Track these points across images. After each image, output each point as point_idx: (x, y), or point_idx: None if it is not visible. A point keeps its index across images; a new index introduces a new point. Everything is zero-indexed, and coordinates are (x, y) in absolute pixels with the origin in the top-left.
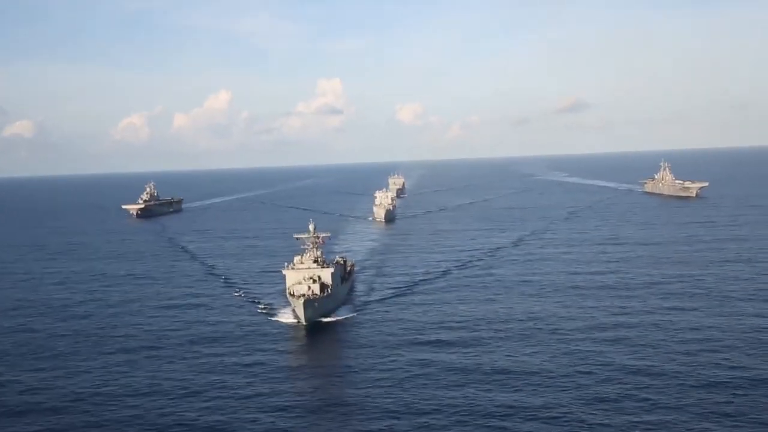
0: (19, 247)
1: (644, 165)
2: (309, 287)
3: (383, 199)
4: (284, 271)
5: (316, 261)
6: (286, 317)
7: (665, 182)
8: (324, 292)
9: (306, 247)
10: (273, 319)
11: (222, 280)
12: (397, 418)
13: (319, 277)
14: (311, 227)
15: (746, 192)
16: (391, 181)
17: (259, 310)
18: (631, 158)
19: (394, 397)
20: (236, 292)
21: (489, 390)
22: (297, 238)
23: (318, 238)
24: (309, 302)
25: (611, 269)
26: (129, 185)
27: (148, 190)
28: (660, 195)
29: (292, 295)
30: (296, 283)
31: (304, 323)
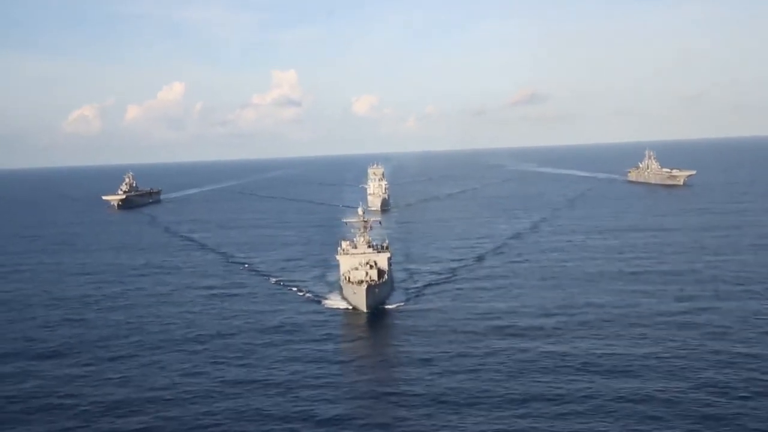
0: (18, 238)
1: (607, 156)
2: (366, 273)
3: (377, 188)
4: (338, 257)
5: (370, 245)
6: (334, 303)
7: (651, 171)
8: (381, 278)
9: (356, 231)
10: (327, 306)
11: (248, 269)
12: (486, 409)
13: (375, 263)
14: (360, 211)
15: (729, 179)
16: (371, 171)
17: (309, 298)
18: (590, 150)
19: (475, 387)
20: (271, 280)
21: (592, 380)
22: (346, 223)
23: (367, 221)
24: (371, 288)
25: (652, 256)
26: (91, 177)
27: (127, 180)
28: (646, 184)
29: (350, 282)
30: (352, 269)
31: (365, 310)
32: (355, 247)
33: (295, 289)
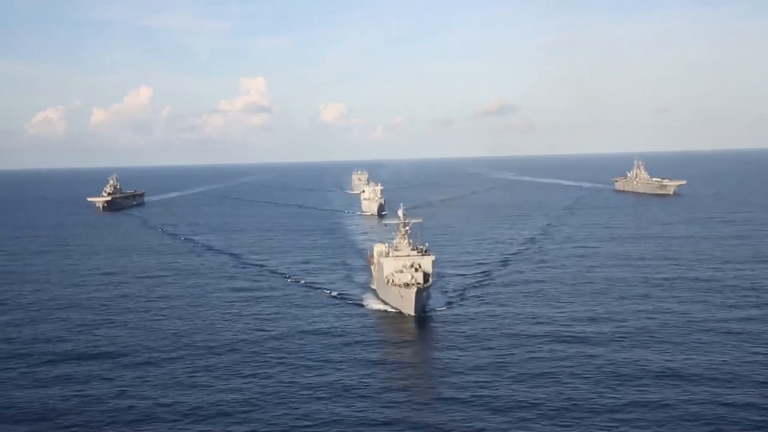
0: (14, 240)
1: (582, 166)
2: (412, 276)
3: (373, 193)
4: (382, 259)
5: (414, 248)
6: (374, 305)
7: (640, 180)
8: (427, 282)
9: (396, 233)
10: (369, 308)
11: (269, 272)
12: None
13: (420, 265)
14: (400, 213)
15: (718, 190)
16: (355, 177)
17: (345, 301)
18: (561, 160)
19: (542, 393)
20: (300, 283)
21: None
22: (386, 225)
23: (407, 224)
24: (420, 292)
25: (676, 263)
26: (59, 180)
27: (111, 182)
28: (634, 193)
29: (394, 284)
30: (396, 271)
31: (413, 314)
32: (397, 249)
33: (327, 291)
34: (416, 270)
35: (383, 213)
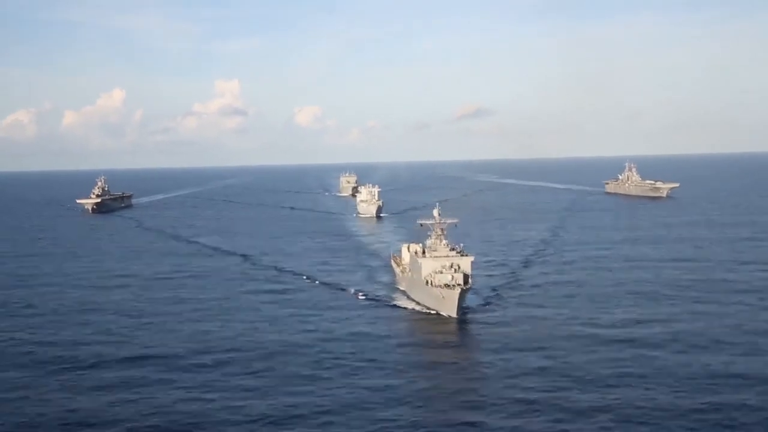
0: (16, 242)
1: (566, 169)
2: (452, 277)
3: (370, 195)
4: (420, 259)
5: (452, 248)
6: (408, 305)
7: (632, 183)
8: (467, 283)
9: (432, 233)
10: (405, 308)
11: (289, 274)
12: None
13: (459, 266)
14: (436, 212)
15: (711, 192)
16: (344, 179)
17: (377, 302)
18: (536, 163)
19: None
20: (326, 285)
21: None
22: (421, 225)
23: (443, 223)
24: (463, 294)
25: (701, 266)
26: (33, 183)
27: (99, 184)
28: (626, 195)
29: (437, 286)
30: (436, 272)
31: (455, 316)
32: (434, 250)
33: (353, 292)
34: (456, 271)
35: (381, 215)
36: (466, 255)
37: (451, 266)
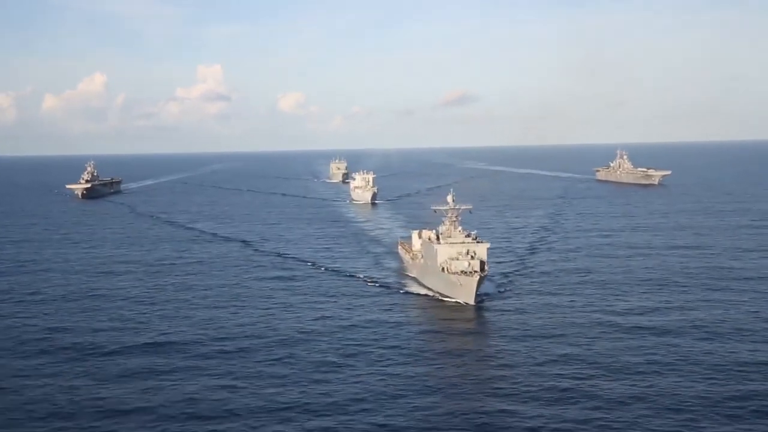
0: (10, 228)
1: (554, 157)
2: (469, 263)
3: (364, 182)
4: (436, 246)
5: (468, 235)
6: (419, 291)
7: (624, 170)
8: (483, 270)
9: (446, 219)
10: (418, 295)
11: (295, 260)
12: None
13: (475, 253)
14: (449, 198)
15: (701, 180)
16: (333, 165)
17: (388, 289)
18: (526, 150)
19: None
20: (334, 272)
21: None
22: (435, 210)
23: (458, 210)
24: (481, 281)
25: (706, 253)
26: (10, 168)
27: (88, 169)
28: (617, 183)
29: (453, 273)
30: (452, 259)
31: (472, 303)
32: (449, 236)
33: (362, 278)
34: (472, 257)
35: (376, 202)
36: (482, 241)
37: (467, 253)
